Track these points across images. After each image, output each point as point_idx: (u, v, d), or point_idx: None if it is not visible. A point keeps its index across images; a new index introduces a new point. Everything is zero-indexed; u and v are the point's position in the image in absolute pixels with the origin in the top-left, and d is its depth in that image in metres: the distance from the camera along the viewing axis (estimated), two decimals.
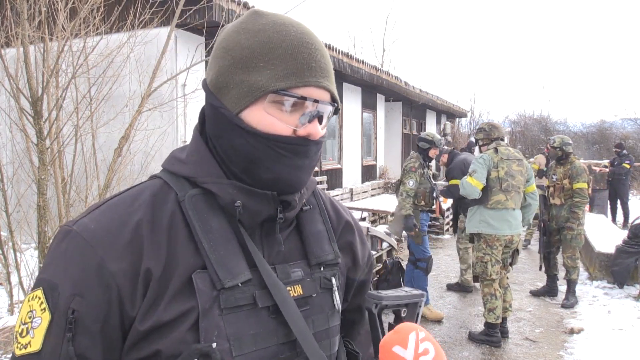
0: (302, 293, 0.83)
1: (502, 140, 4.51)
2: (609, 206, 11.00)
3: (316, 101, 0.77)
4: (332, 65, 0.83)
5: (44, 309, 0.72)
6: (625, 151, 11.08)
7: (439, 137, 5.12)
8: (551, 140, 5.55)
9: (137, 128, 4.47)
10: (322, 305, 0.85)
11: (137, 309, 0.73)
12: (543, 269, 5.72)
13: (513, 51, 68.14)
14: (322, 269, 0.87)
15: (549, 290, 5.64)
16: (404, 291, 0.87)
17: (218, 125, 0.80)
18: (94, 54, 4.26)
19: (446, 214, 9.24)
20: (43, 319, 0.72)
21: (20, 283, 4.19)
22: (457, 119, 23.71)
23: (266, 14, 0.82)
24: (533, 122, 26.39)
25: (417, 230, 4.82)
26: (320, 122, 0.79)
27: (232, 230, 0.79)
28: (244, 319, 0.75)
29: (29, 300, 0.76)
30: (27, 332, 0.73)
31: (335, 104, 0.82)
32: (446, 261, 7.31)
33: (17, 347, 0.74)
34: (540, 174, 7.93)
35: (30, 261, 4.43)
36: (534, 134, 24.33)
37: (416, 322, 0.85)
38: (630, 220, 9.91)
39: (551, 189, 5.50)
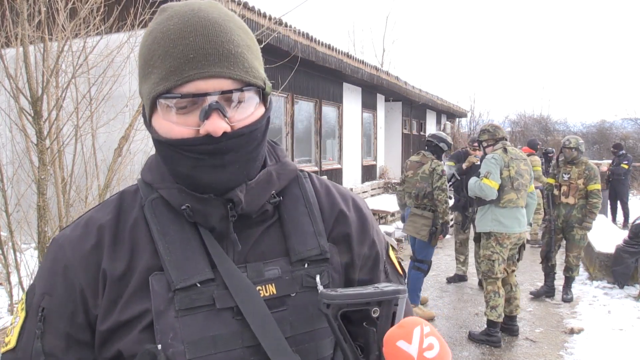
0: (275, 292, 0.77)
1: (506, 140, 4.53)
2: (609, 206, 10.99)
3: (203, 94, 0.70)
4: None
5: (22, 308, 0.78)
6: (623, 151, 11.08)
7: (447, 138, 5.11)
8: (567, 141, 5.53)
9: (137, 128, 4.47)
10: (304, 306, 0.78)
11: (99, 308, 0.75)
12: (552, 265, 5.69)
13: (513, 51, 68.16)
14: (305, 265, 0.80)
15: (548, 291, 5.65)
16: (374, 287, 0.77)
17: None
18: (94, 54, 4.26)
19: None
20: (20, 318, 0.77)
21: (20, 283, 4.19)
22: (457, 119, 23.71)
23: (167, 8, 0.76)
24: (533, 122, 26.40)
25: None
26: (224, 114, 0.71)
27: (195, 232, 0.77)
28: (201, 321, 0.73)
29: (18, 304, 0.81)
30: (10, 332, 0.78)
31: (252, 88, 0.74)
32: (446, 261, 7.31)
33: (2, 346, 0.79)
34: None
35: (30, 261, 4.43)
36: (534, 134, 24.32)
37: (393, 322, 0.76)
38: (630, 220, 9.91)
39: (564, 188, 5.48)
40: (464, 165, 5.61)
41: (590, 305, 5.36)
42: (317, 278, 0.80)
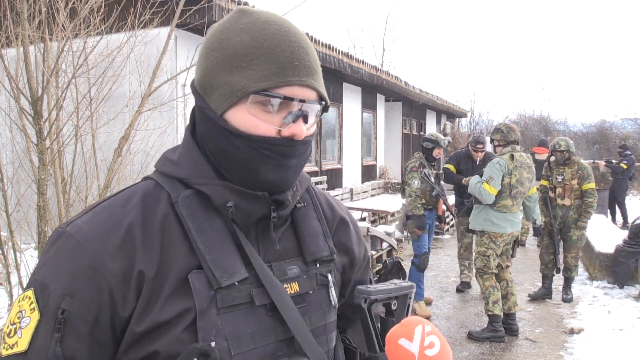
0: (298, 290, 0.83)
1: (517, 144, 4.53)
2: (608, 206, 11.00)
3: (302, 101, 0.76)
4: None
5: (34, 308, 0.72)
6: (628, 152, 11.08)
7: (442, 137, 5.18)
8: (557, 145, 5.53)
9: (137, 128, 4.47)
10: (319, 302, 0.85)
11: (129, 311, 0.72)
12: (558, 268, 5.67)
13: (513, 51, 68.18)
14: (318, 265, 0.87)
15: (546, 292, 5.64)
16: (393, 284, 0.87)
17: (205, 126, 0.80)
18: (94, 54, 4.25)
19: (447, 213, 9.23)
20: (32, 319, 0.72)
21: (20, 283, 4.19)
22: (457, 119, 23.71)
23: (251, 12, 0.80)
24: (533, 122, 26.41)
25: (424, 230, 4.93)
26: (305, 121, 0.78)
27: (227, 230, 0.79)
28: (241, 318, 0.75)
29: (19, 301, 0.75)
30: (15, 333, 0.73)
31: (324, 102, 0.81)
32: (446, 261, 7.31)
33: (4, 348, 0.73)
34: None
35: (30, 261, 4.43)
36: (534, 134, 24.32)
37: (407, 313, 0.86)
38: (629, 220, 9.91)
39: (559, 189, 5.50)
40: (464, 181, 5.56)
41: (590, 305, 5.36)
42: (329, 276, 0.87)
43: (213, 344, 0.71)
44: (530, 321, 4.93)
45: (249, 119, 0.76)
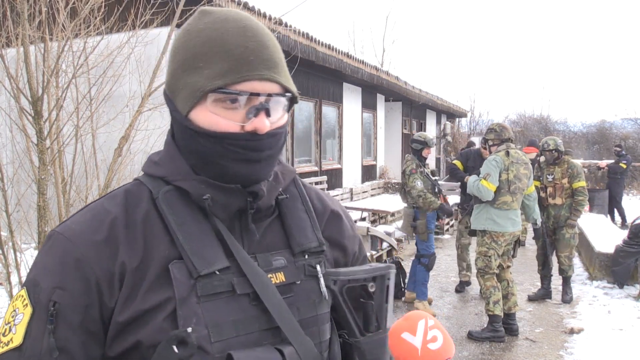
0: (284, 280, 0.83)
1: (512, 141, 4.56)
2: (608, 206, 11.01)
3: (259, 95, 0.78)
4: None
5: (26, 305, 0.75)
6: (623, 151, 11.13)
7: (430, 137, 5.23)
8: (545, 144, 5.57)
9: (137, 128, 4.47)
10: (307, 293, 0.85)
11: (114, 301, 0.75)
12: (550, 267, 5.69)
13: (513, 51, 68.16)
14: (306, 256, 0.88)
15: (545, 293, 5.64)
16: (369, 266, 0.87)
17: (177, 128, 0.85)
18: (94, 54, 4.26)
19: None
20: (25, 314, 0.75)
21: (20, 283, 4.19)
22: (457, 119, 23.71)
23: (211, 11, 0.83)
24: (533, 122, 26.42)
25: (430, 230, 4.96)
26: (268, 115, 0.79)
27: (208, 223, 0.81)
28: (223, 306, 0.77)
29: (13, 302, 0.79)
30: (10, 330, 0.75)
31: (290, 94, 0.82)
32: (446, 261, 7.31)
33: (2, 345, 0.75)
34: None
35: (30, 261, 4.43)
36: (534, 134, 24.33)
37: (387, 295, 0.86)
38: (628, 220, 9.92)
39: (550, 189, 5.51)
40: (466, 179, 5.55)
41: (590, 305, 5.36)
42: (318, 267, 0.88)
43: (189, 329, 0.72)
44: (530, 321, 4.94)
45: (211, 117, 0.78)
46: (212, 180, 0.81)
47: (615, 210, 10.94)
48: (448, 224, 9.52)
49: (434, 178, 5.13)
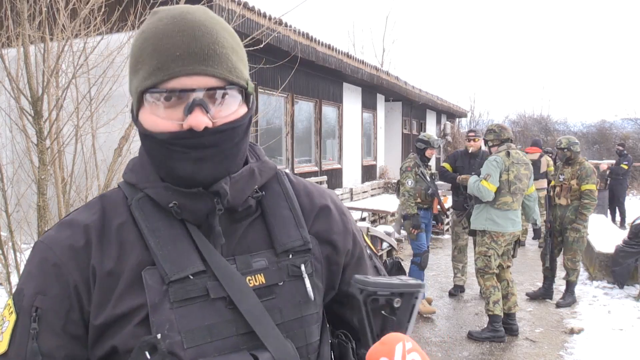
0: (264, 282, 0.81)
1: (512, 141, 4.56)
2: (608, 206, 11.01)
3: (190, 90, 0.74)
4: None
5: (12, 312, 0.77)
6: (625, 151, 11.13)
7: (435, 137, 5.25)
8: (558, 142, 5.54)
9: None
10: (291, 294, 0.82)
11: (91, 304, 0.77)
12: (547, 267, 5.68)
13: (513, 51, 68.14)
14: (290, 256, 0.84)
15: (545, 293, 5.63)
16: (399, 279, 0.82)
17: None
18: (94, 54, 4.26)
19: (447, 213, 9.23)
20: (10, 321, 0.77)
21: None
22: (457, 119, 23.71)
23: (157, 11, 0.81)
24: (533, 122, 26.42)
25: (421, 230, 4.94)
26: (207, 110, 0.75)
27: (183, 228, 0.80)
28: (197, 311, 0.75)
29: (2, 311, 0.81)
30: None
31: (234, 87, 0.78)
32: (446, 261, 7.31)
33: None
34: None
35: None
36: (534, 134, 24.31)
37: (411, 314, 0.81)
38: (627, 220, 9.92)
39: (557, 188, 5.48)
40: (459, 179, 5.54)
41: (590, 305, 5.36)
42: (302, 267, 0.84)
43: (159, 336, 0.72)
44: (530, 321, 4.94)
45: (151, 118, 0.77)
46: (175, 186, 0.79)
47: (616, 210, 10.94)
48: (447, 224, 9.52)
49: (429, 180, 5.13)
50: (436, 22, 60.74)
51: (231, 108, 0.79)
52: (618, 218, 10.89)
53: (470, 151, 5.59)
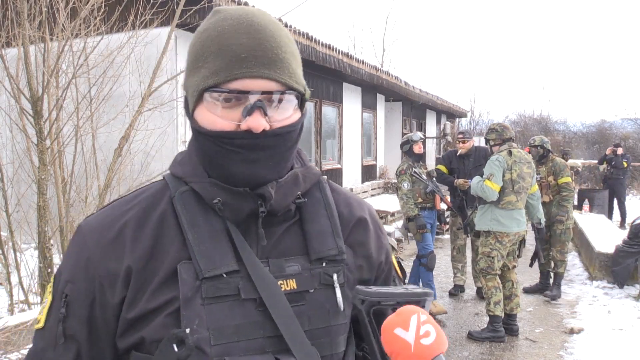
0: (295, 287, 0.80)
1: (514, 140, 4.58)
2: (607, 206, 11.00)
3: (248, 92, 0.75)
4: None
5: (50, 292, 0.83)
6: (616, 153, 11.13)
7: (411, 133, 5.34)
8: (531, 140, 5.77)
9: (137, 128, 4.47)
10: (321, 302, 0.82)
11: (118, 299, 0.78)
12: (535, 264, 5.72)
13: (513, 51, 68.16)
14: (323, 264, 0.84)
15: (542, 288, 5.71)
16: (404, 288, 0.80)
17: (191, 128, 0.84)
18: (94, 54, 4.26)
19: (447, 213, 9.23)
20: (48, 300, 0.83)
21: (20, 283, 4.19)
22: (457, 119, 23.72)
23: (220, 11, 0.82)
24: (533, 122, 26.40)
25: (426, 230, 4.97)
26: (265, 113, 0.76)
27: (223, 226, 0.81)
28: (227, 310, 0.76)
29: (47, 285, 0.88)
30: (40, 312, 0.84)
31: (293, 92, 0.79)
32: (446, 261, 7.30)
33: (35, 324, 0.85)
34: None
35: (30, 261, 4.43)
36: (534, 134, 24.28)
37: None
38: (627, 220, 9.92)
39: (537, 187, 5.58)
40: (456, 182, 5.54)
41: (590, 305, 5.36)
42: (335, 276, 0.83)
43: (188, 330, 0.73)
44: (530, 321, 4.94)
45: (208, 116, 0.78)
46: (222, 183, 0.80)
47: (616, 210, 10.94)
48: (447, 223, 9.51)
49: (425, 179, 5.14)
50: (436, 22, 60.77)
51: (287, 112, 0.80)
52: (618, 218, 10.89)
53: (459, 153, 5.62)
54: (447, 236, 9.20)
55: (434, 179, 5.36)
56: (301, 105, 0.84)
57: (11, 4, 4.16)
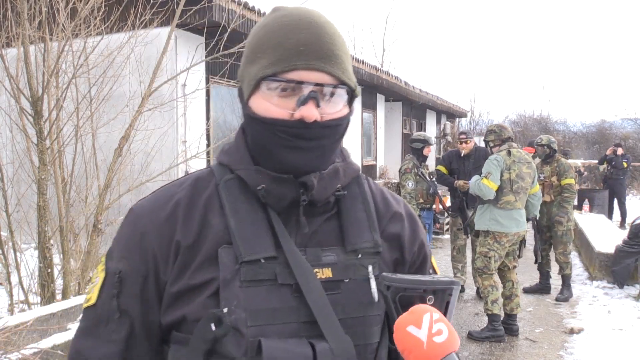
0: (331, 276, 0.83)
1: (513, 140, 4.58)
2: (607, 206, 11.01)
3: (302, 83, 0.80)
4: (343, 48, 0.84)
5: (102, 270, 0.88)
6: (617, 154, 11.14)
7: (429, 135, 5.28)
8: (538, 139, 5.74)
9: (138, 128, 4.47)
10: (355, 292, 0.84)
11: (169, 274, 0.83)
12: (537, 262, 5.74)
13: (513, 51, 68.15)
14: (359, 256, 0.87)
15: (542, 288, 5.73)
16: (431, 277, 0.82)
17: (243, 115, 0.90)
18: (94, 54, 4.26)
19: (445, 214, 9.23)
20: (100, 278, 0.87)
21: (20, 283, 4.19)
22: (457, 119, 23.70)
23: (279, 9, 0.87)
24: (533, 122, 26.40)
25: (425, 230, 4.97)
26: (318, 104, 0.80)
27: (263, 213, 0.85)
28: (263, 293, 0.79)
29: (96, 266, 0.92)
30: (91, 291, 0.88)
31: (345, 87, 0.83)
32: (446, 261, 7.31)
33: (84, 303, 0.89)
34: None
35: (30, 261, 4.42)
36: (534, 134, 24.30)
37: (446, 313, 0.79)
38: (628, 220, 9.92)
39: (539, 186, 5.57)
40: (456, 184, 5.54)
41: (590, 305, 5.36)
42: (370, 268, 0.86)
43: (225, 310, 0.77)
44: (530, 321, 4.94)
45: (263, 104, 0.82)
46: (269, 170, 0.84)
47: (616, 210, 10.94)
48: (447, 223, 9.52)
49: (430, 179, 5.15)
50: (436, 22, 60.76)
51: (337, 106, 0.84)
52: (618, 218, 10.89)
53: (463, 154, 5.61)
54: (446, 236, 9.20)
55: (434, 179, 5.36)
56: (350, 102, 0.88)
57: (11, 4, 4.16)
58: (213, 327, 0.76)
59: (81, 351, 0.85)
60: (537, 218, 4.87)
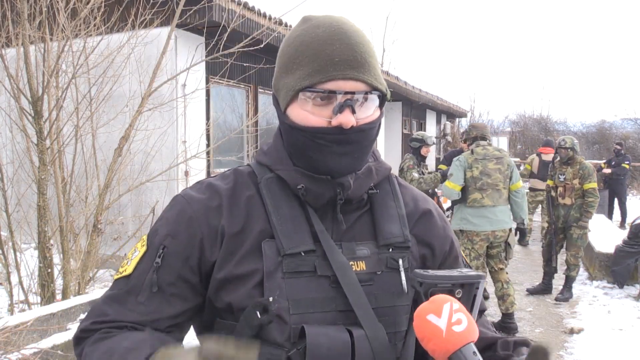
0: (364, 268, 0.90)
1: (484, 139, 4.53)
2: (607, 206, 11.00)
3: (341, 92, 0.84)
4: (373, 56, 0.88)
5: (144, 245, 0.92)
6: (622, 151, 11.14)
7: (429, 135, 5.28)
8: (562, 141, 5.55)
9: (137, 128, 4.47)
10: (387, 284, 0.90)
11: (214, 257, 0.88)
12: (555, 267, 5.71)
13: (513, 51, 68.19)
14: (390, 250, 0.93)
15: (545, 288, 5.70)
16: (459, 272, 0.86)
17: (279, 122, 0.95)
18: (94, 54, 4.26)
19: (446, 213, 9.23)
20: (140, 252, 0.91)
21: (20, 283, 4.19)
22: (457, 119, 23.70)
23: (310, 18, 0.93)
24: (533, 122, 26.41)
25: None
26: (353, 111, 0.85)
27: (302, 209, 0.91)
28: (304, 284, 0.86)
29: (136, 244, 0.95)
30: (127, 263, 0.92)
31: (377, 92, 0.88)
32: None
33: (116, 275, 0.92)
34: (531, 175, 8.08)
35: (30, 261, 4.43)
36: (534, 134, 24.34)
37: (473, 305, 0.83)
38: (628, 220, 9.91)
39: (560, 189, 5.53)
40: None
41: (590, 305, 5.36)
42: (400, 261, 0.93)
43: (270, 299, 0.83)
44: (530, 321, 4.94)
45: (301, 113, 0.88)
46: (307, 171, 0.90)
47: (617, 210, 10.94)
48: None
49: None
50: (436, 22, 60.79)
51: (370, 111, 0.89)
52: (618, 218, 10.89)
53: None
54: None
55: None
56: (381, 106, 0.92)
57: (11, 4, 4.16)
58: (259, 314, 0.82)
59: (108, 313, 0.88)
60: (524, 221, 4.75)
